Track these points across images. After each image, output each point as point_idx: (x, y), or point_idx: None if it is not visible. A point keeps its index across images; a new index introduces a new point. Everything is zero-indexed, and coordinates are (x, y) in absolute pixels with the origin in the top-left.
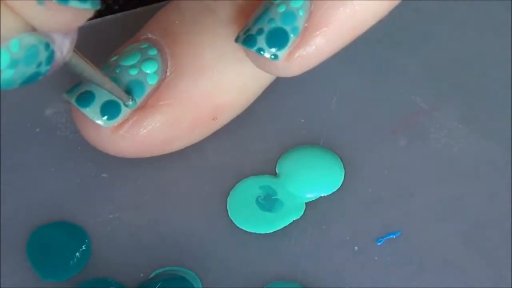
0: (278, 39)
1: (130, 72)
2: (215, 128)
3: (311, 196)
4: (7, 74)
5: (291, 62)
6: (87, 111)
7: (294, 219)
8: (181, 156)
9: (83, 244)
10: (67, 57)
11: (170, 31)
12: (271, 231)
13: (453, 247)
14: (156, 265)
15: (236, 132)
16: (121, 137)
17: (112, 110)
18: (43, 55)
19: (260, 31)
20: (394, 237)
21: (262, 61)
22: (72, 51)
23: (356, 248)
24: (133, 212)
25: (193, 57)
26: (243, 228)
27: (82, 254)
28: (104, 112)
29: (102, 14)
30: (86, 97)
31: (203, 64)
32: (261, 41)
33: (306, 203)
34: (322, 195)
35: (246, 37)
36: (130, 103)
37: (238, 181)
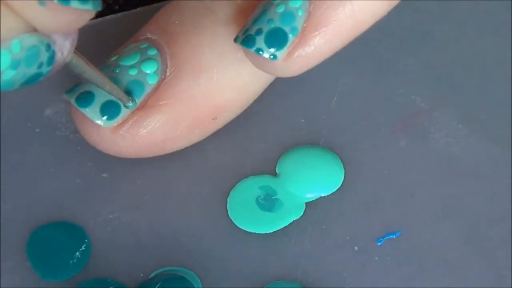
0: (277, 39)
1: (130, 72)
2: (215, 128)
3: (311, 196)
4: (8, 75)
5: (290, 62)
6: (86, 111)
7: (294, 219)
8: (181, 156)
9: (83, 244)
10: (68, 58)
11: (169, 31)
12: (271, 231)
13: (453, 247)
14: (156, 265)
15: (236, 132)
16: (121, 137)
17: (111, 110)
18: (44, 56)
19: (259, 31)
20: (394, 237)
21: (261, 61)
22: (72, 52)
23: (356, 248)
24: (133, 212)
25: (192, 57)
26: (243, 228)
27: (82, 254)
28: (103, 112)
29: (102, 14)
30: (86, 97)
31: (203, 64)
32: (260, 41)
33: (306, 203)
34: (322, 195)
35: (245, 37)
36: (130, 104)
37: (238, 181)
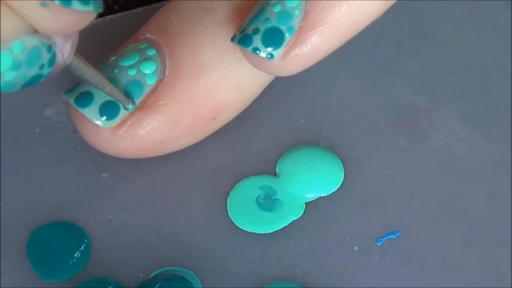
0: (274, 39)
1: (129, 73)
2: (214, 128)
3: (311, 196)
4: (9, 76)
5: (287, 61)
6: (86, 112)
7: (294, 219)
8: (181, 156)
9: (82, 244)
10: (68, 60)
11: (168, 31)
12: (271, 231)
13: (453, 247)
14: (155, 265)
15: (236, 132)
16: (120, 137)
17: (111, 111)
18: (45, 58)
19: (256, 31)
20: (394, 237)
21: (258, 60)
22: (73, 55)
23: (356, 248)
24: (133, 212)
25: (191, 57)
26: (243, 228)
27: (82, 254)
28: (103, 113)
29: (102, 14)
30: (85, 97)
31: (202, 64)
32: (257, 40)
33: (306, 203)
34: (322, 195)
35: (242, 36)
36: (129, 106)
37: (238, 181)
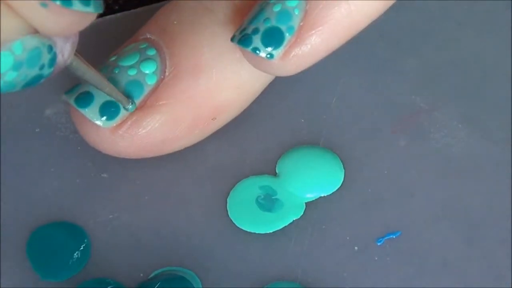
0: (274, 38)
1: (129, 73)
2: (214, 128)
3: (311, 196)
4: (9, 77)
5: (286, 61)
6: (86, 112)
7: (294, 219)
8: (181, 156)
9: (82, 244)
10: (69, 60)
11: (168, 31)
12: (271, 231)
13: (453, 247)
14: (155, 265)
15: (236, 132)
16: (120, 137)
17: (111, 111)
18: (46, 58)
19: (255, 31)
20: (394, 237)
21: (258, 60)
22: (73, 55)
23: (356, 248)
24: (133, 212)
25: (191, 57)
26: (243, 228)
27: (82, 254)
28: (103, 113)
29: (102, 14)
30: (85, 97)
31: (202, 64)
32: (256, 40)
33: (306, 203)
34: (322, 195)
35: (242, 36)
36: (130, 106)
37: (238, 181)
